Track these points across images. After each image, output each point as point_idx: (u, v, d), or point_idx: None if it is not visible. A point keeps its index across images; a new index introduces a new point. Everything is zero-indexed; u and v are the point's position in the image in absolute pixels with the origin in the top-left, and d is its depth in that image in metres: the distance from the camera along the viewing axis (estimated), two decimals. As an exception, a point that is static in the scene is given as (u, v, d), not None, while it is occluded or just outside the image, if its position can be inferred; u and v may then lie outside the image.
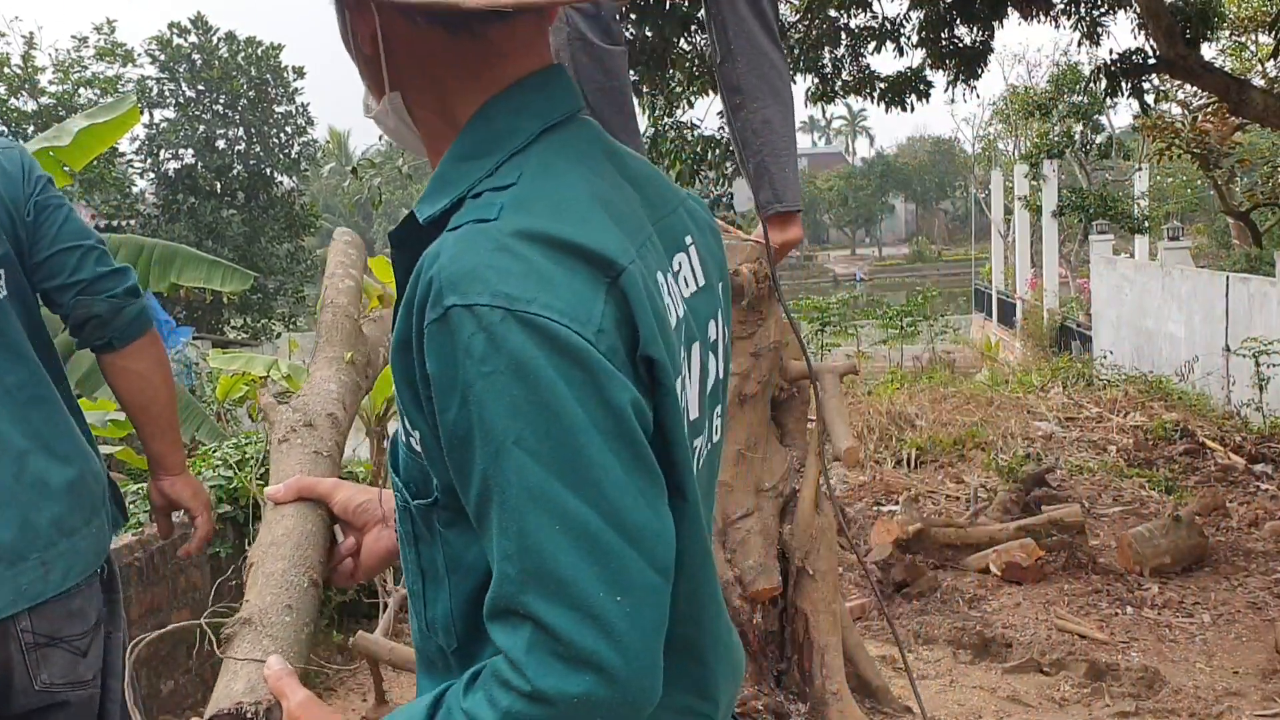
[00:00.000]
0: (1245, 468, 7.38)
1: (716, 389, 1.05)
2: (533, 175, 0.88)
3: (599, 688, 0.78)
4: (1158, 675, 3.86)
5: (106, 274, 1.78)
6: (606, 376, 0.80)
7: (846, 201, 51.24)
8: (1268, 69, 13.82)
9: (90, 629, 1.73)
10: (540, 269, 0.81)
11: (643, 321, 0.84)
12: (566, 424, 0.79)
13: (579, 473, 0.79)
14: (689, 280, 0.99)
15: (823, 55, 8.02)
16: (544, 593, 0.79)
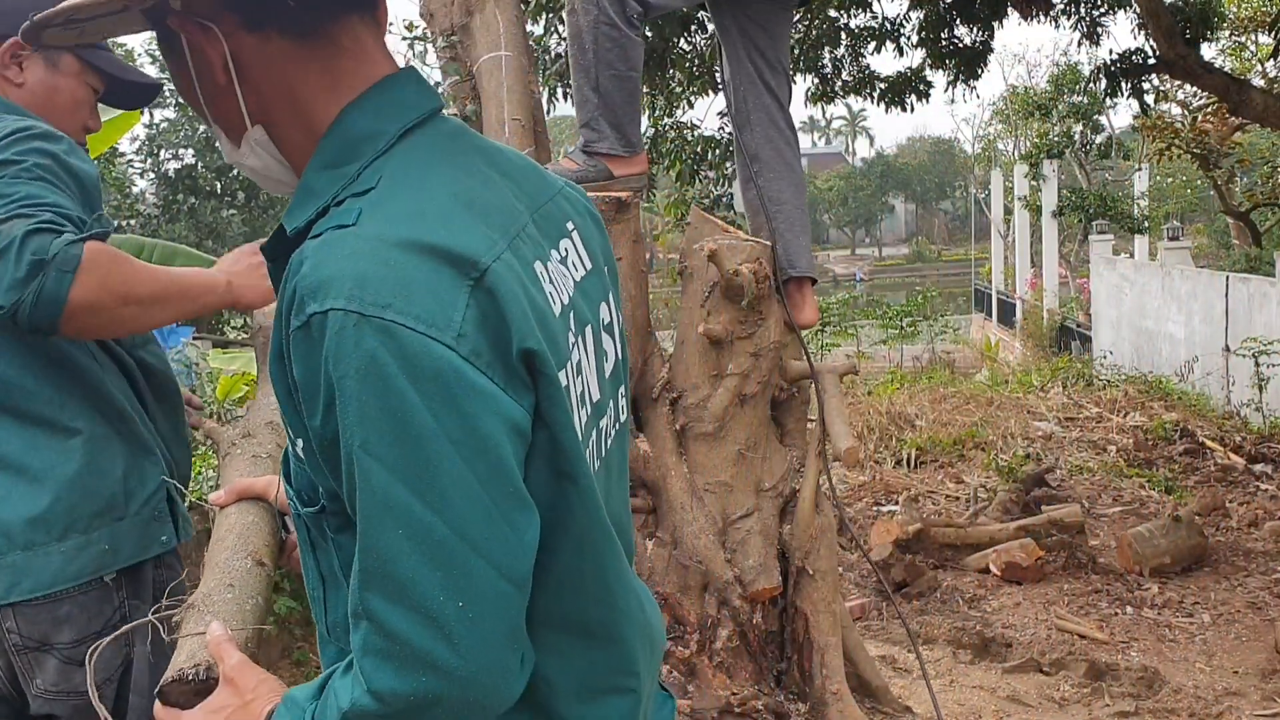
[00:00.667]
0: (1245, 468, 7.38)
1: (617, 370, 1.07)
2: (392, 178, 0.88)
3: (435, 687, 0.80)
4: (1157, 675, 3.87)
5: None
6: (463, 386, 0.80)
7: (846, 201, 51.23)
8: (1267, 69, 13.83)
9: (87, 636, 1.62)
10: (398, 273, 0.80)
11: (515, 315, 0.83)
12: (415, 432, 0.79)
13: (426, 480, 0.79)
14: (577, 265, 1.00)
15: (823, 55, 8.02)
16: (385, 594, 0.80)
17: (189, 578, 1.84)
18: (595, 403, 0.99)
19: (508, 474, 0.83)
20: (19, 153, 1.59)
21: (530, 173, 1.02)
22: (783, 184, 3.02)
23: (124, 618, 1.68)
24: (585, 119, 2.72)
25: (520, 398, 0.84)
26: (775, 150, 3.01)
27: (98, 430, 1.67)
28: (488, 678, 0.82)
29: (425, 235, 0.83)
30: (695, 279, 2.95)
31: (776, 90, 3.00)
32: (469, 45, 3.04)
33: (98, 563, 1.64)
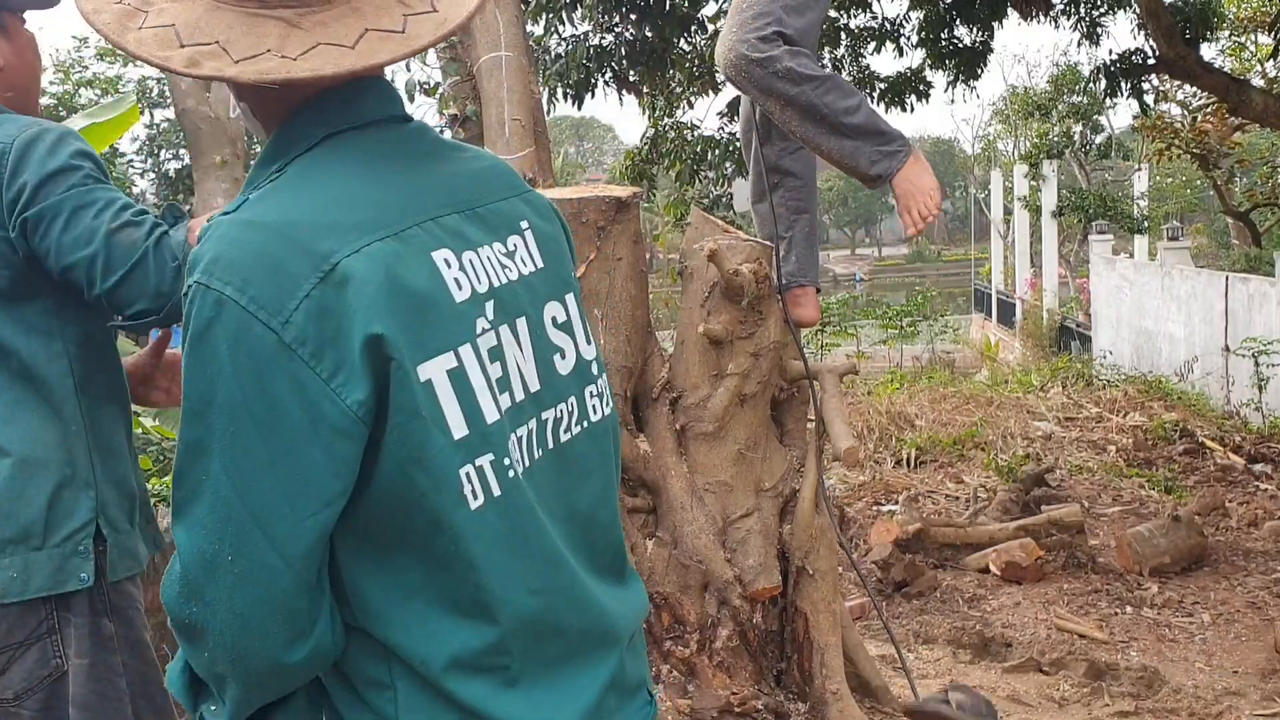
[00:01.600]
0: (1245, 468, 7.39)
1: (583, 367, 1.10)
2: (293, 174, 0.96)
3: (199, 619, 0.91)
4: (1157, 675, 3.87)
5: (114, 285, 1.61)
6: (275, 368, 0.87)
7: (846, 201, 51.27)
8: (1267, 69, 13.83)
9: (8, 646, 1.61)
10: (249, 257, 0.89)
11: (363, 303, 0.89)
12: (223, 398, 0.88)
13: (224, 444, 0.88)
14: (524, 260, 1.05)
15: (822, 55, 8.02)
16: (184, 526, 0.91)
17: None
18: (534, 393, 1.03)
19: (300, 458, 0.89)
20: (70, 158, 1.65)
21: (489, 175, 1.08)
22: (806, 195, 3.07)
23: (52, 629, 1.65)
24: (881, 143, 2.60)
25: (350, 388, 0.89)
26: (802, 164, 3.05)
27: (31, 455, 1.64)
28: (244, 635, 0.90)
29: (287, 225, 0.90)
30: (695, 279, 2.95)
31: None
32: (469, 45, 3.04)
33: (4, 589, 1.60)
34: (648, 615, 1.34)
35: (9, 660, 1.61)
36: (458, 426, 0.94)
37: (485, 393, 0.96)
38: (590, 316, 2.83)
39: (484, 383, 0.96)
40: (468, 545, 0.95)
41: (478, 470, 0.96)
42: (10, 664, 1.61)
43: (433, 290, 0.94)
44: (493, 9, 2.97)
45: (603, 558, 1.13)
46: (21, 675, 1.62)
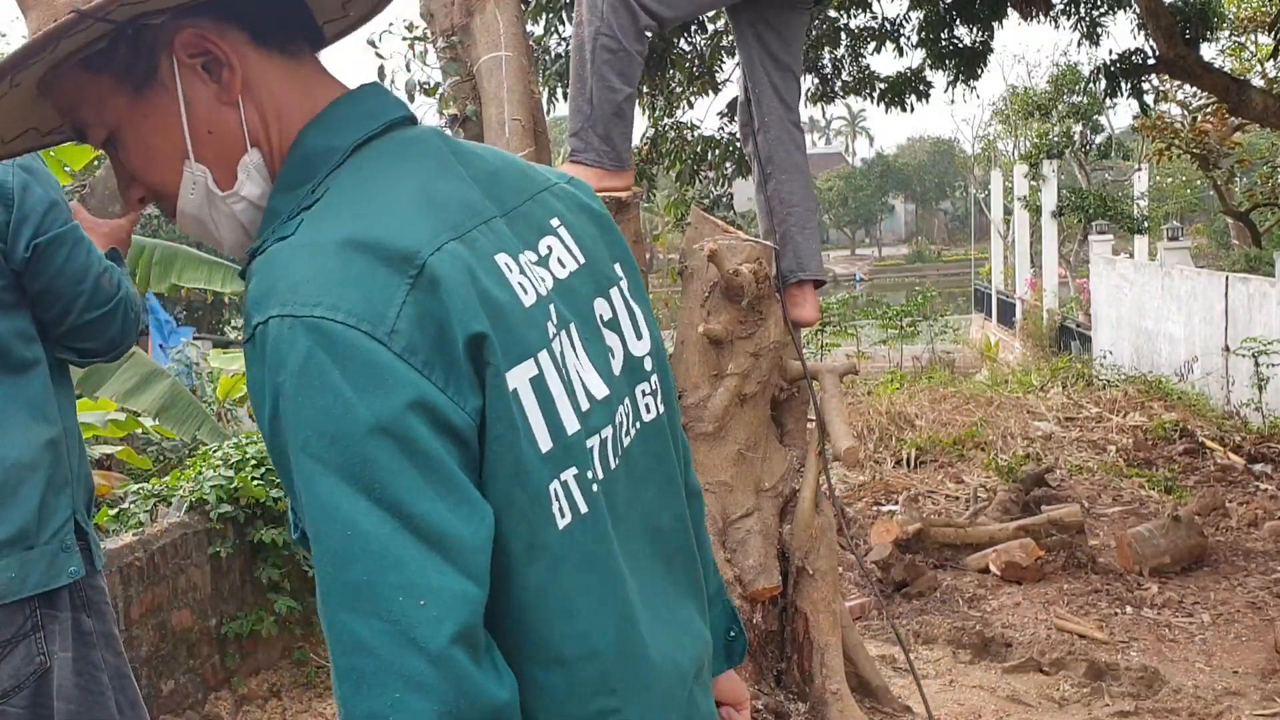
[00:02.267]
0: (1244, 468, 7.38)
1: (636, 364, 1.03)
2: (338, 188, 0.87)
3: (409, 704, 0.75)
4: (1157, 675, 3.87)
5: (86, 323, 1.77)
6: (396, 379, 0.78)
7: (846, 202, 51.24)
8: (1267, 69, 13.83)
9: None
10: (331, 273, 0.80)
11: (458, 304, 0.81)
12: (351, 428, 0.77)
13: (368, 476, 0.77)
14: (562, 261, 0.98)
15: (823, 55, 8.02)
16: (344, 603, 0.77)
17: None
18: (601, 399, 0.95)
19: (448, 470, 0.79)
20: (58, 192, 1.77)
21: (507, 173, 1.00)
22: (795, 186, 3.05)
23: (36, 625, 1.69)
24: (575, 129, 2.74)
25: (463, 399, 0.81)
26: (786, 153, 3.04)
27: (23, 457, 1.70)
28: (457, 684, 0.77)
29: (359, 234, 0.82)
30: (695, 279, 2.95)
31: (787, 94, 3.02)
32: (469, 45, 3.04)
33: (4, 590, 1.66)
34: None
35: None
36: (544, 439, 0.87)
37: (564, 401, 0.90)
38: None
39: (562, 390, 0.90)
40: (561, 572, 0.87)
41: (563, 486, 0.88)
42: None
43: (506, 295, 0.87)
44: (493, 9, 2.97)
45: (678, 571, 1.04)
46: (10, 673, 1.66)
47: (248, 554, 4.14)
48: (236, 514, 4.04)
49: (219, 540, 3.98)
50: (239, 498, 4.06)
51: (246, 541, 4.11)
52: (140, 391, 4.92)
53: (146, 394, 5.10)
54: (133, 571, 3.55)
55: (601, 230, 1.06)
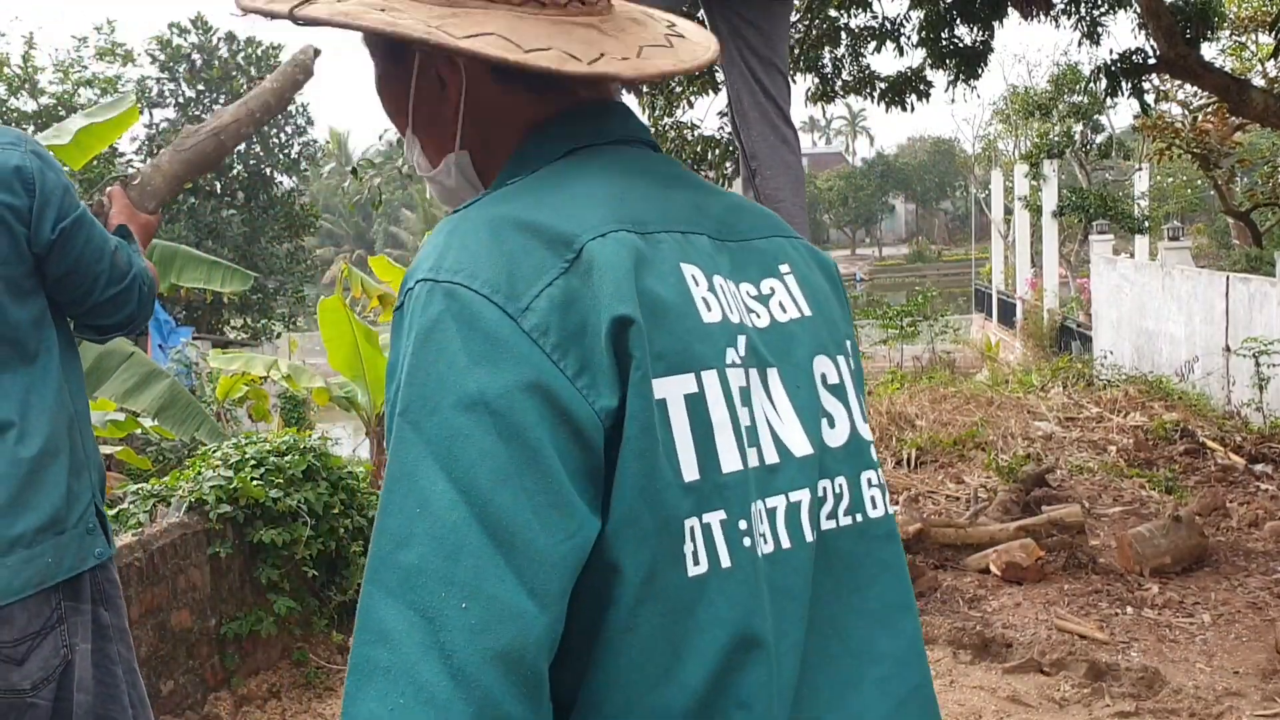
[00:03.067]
0: (1245, 468, 7.38)
1: (860, 447, 0.89)
2: (533, 178, 0.85)
3: (415, 710, 0.67)
4: (1158, 675, 3.86)
5: (105, 300, 1.83)
6: (514, 357, 0.72)
7: (846, 201, 51.24)
8: (1268, 69, 13.83)
9: (27, 636, 1.67)
10: (482, 244, 0.76)
11: (609, 286, 0.75)
12: (456, 397, 0.71)
13: (455, 450, 0.70)
14: (785, 306, 0.88)
15: (823, 55, 8.01)
16: (385, 585, 0.69)
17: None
18: (800, 458, 0.83)
19: (547, 465, 0.71)
20: (65, 175, 1.82)
21: (746, 211, 0.94)
22: (780, 182, 3.02)
23: (60, 618, 1.72)
24: None
25: (595, 394, 0.73)
26: (771, 149, 3.01)
27: (48, 444, 1.73)
28: (479, 710, 0.67)
29: (524, 214, 0.78)
30: (695, 279, 2.94)
31: (771, 89, 3.00)
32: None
33: (41, 575, 1.68)
34: None
35: (28, 650, 1.67)
36: (689, 465, 0.75)
37: (728, 435, 0.78)
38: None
39: (727, 422, 0.78)
40: (679, 627, 0.73)
41: (704, 528, 0.75)
42: (29, 654, 1.67)
43: (679, 299, 0.79)
44: (492, 8, 2.97)
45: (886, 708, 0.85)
46: (39, 665, 1.68)
47: (247, 554, 4.14)
48: (236, 514, 4.04)
49: (218, 541, 3.98)
50: (238, 498, 4.06)
51: (246, 542, 4.10)
52: (139, 392, 4.92)
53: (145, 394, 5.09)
54: (132, 572, 3.55)
55: (837, 296, 0.96)
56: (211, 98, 22.07)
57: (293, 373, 8.16)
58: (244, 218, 21.46)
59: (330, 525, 4.39)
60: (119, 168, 19.20)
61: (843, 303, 0.96)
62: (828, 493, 0.85)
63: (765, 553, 0.79)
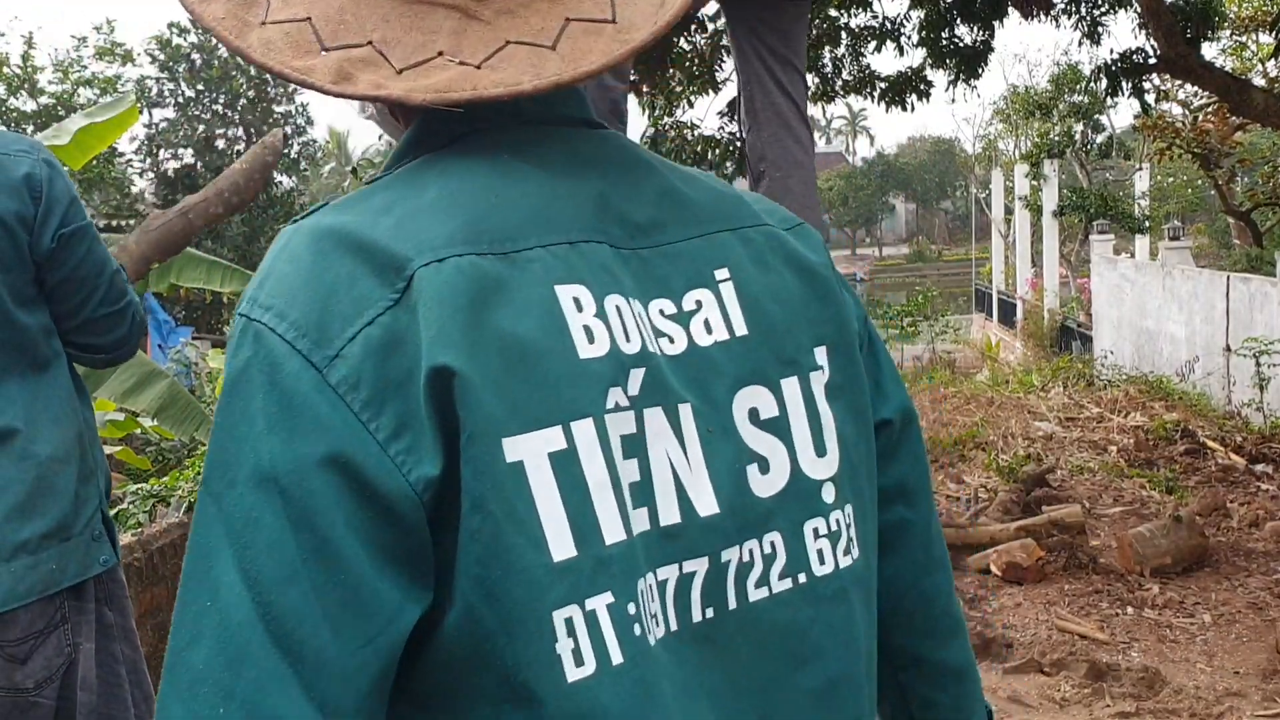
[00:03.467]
0: (1246, 468, 7.38)
1: (804, 490, 0.73)
2: (405, 172, 0.72)
3: None
4: (1158, 675, 3.86)
5: (99, 317, 1.83)
6: (312, 418, 0.60)
7: (847, 201, 51.26)
8: (1268, 69, 13.83)
9: (30, 635, 1.67)
10: (303, 271, 0.64)
11: (433, 328, 0.62)
12: (248, 471, 0.60)
13: (246, 537, 0.60)
14: (711, 325, 0.72)
15: (823, 55, 8.01)
16: (169, 680, 0.60)
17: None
18: (703, 519, 0.68)
19: (341, 556, 0.60)
20: (75, 188, 1.85)
21: (680, 199, 0.76)
22: (791, 183, 3.00)
23: (64, 618, 1.72)
24: None
25: (417, 460, 0.61)
26: (784, 150, 2.99)
27: (56, 451, 1.74)
28: None
29: (362, 229, 0.65)
30: (695, 279, 2.94)
31: (789, 88, 2.97)
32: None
33: (45, 582, 1.69)
34: None
35: (31, 649, 1.68)
36: (559, 542, 0.62)
37: (607, 498, 0.64)
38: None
39: (607, 482, 0.64)
40: None
41: (587, 617, 0.62)
42: (32, 653, 1.68)
43: (543, 336, 0.64)
44: (492, 8, 2.96)
45: None
46: (42, 664, 1.69)
47: (246, 554, 4.14)
48: (235, 514, 4.04)
49: (218, 540, 3.98)
50: (238, 498, 4.06)
51: (245, 542, 4.11)
52: (139, 391, 4.92)
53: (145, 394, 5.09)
54: (131, 572, 3.54)
55: (810, 298, 0.78)
56: (211, 97, 22.09)
57: (293, 372, 8.15)
58: (244, 218, 21.45)
59: (330, 525, 4.39)
60: (118, 168, 19.23)
61: (819, 300, 0.78)
62: (754, 555, 0.70)
63: (665, 636, 0.66)
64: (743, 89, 3.02)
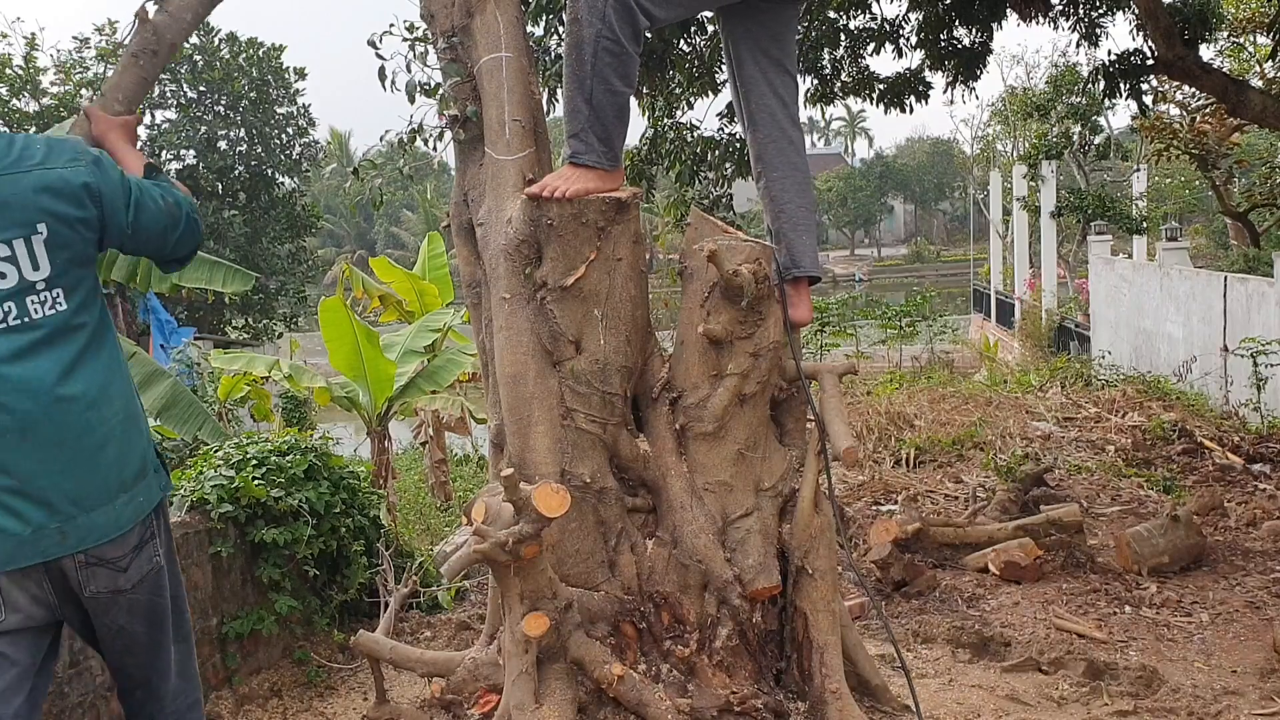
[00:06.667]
0: (1243, 467, 7.40)
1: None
2: None
3: None
4: (1156, 674, 3.87)
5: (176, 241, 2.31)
6: None
7: (845, 202, 51.26)
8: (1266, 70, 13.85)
9: (129, 551, 2.19)
10: None
11: None
12: None
13: None
14: None
15: (822, 56, 8.03)
16: None
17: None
18: None
19: None
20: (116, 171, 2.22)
21: None
22: (786, 183, 3.04)
23: (152, 534, 2.26)
24: (574, 130, 2.74)
25: None
26: (778, 150, 3.03)
27: (128, 407, 2.21)
28: None
29: None
30: (695, 279, 2.96)
31: (780, 90, 3.01)
32: (469, 46, 3.05)
33: (138, 510, 2.22)
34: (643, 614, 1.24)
35: (129, 561, 2.20)
36: None
37: None
38: (589, 317, 2.85)
39: None
40: None
41: None
42: (130, 564, 2.20)
43: None
44: (493, 10, 2.98)
45: None
46: (138, 570, 2.22)
47: (248, 554, 4.15)
48: (237, 514, 4.05)
49: (220, 540, 3.99)
50: (240, 497, 4.07)
51: (247, 541, 4.12)
52: (142, 392, 4.94)
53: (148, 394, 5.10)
54: (134, 571, 3.57)
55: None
56: (213, 99, 22.08)
57: (294, 373, 8.17)
58: (246, 218, 21.47)
59: (331, 524, 4.40)
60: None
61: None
62: None
63: None
64: (739, 91, 3.05)
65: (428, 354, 8.14)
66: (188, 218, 2.29)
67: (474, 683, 3.10)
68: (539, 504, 2.57)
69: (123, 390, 2.20)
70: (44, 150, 2.10)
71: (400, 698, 3.73)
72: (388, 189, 3.50)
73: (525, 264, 2.87)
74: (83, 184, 2.10)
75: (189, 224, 2.29)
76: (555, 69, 7.12)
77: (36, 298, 2.06)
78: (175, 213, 2.26)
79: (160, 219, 2.23)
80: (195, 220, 2.32)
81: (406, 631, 4.59)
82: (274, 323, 21.53)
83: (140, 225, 2.20)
